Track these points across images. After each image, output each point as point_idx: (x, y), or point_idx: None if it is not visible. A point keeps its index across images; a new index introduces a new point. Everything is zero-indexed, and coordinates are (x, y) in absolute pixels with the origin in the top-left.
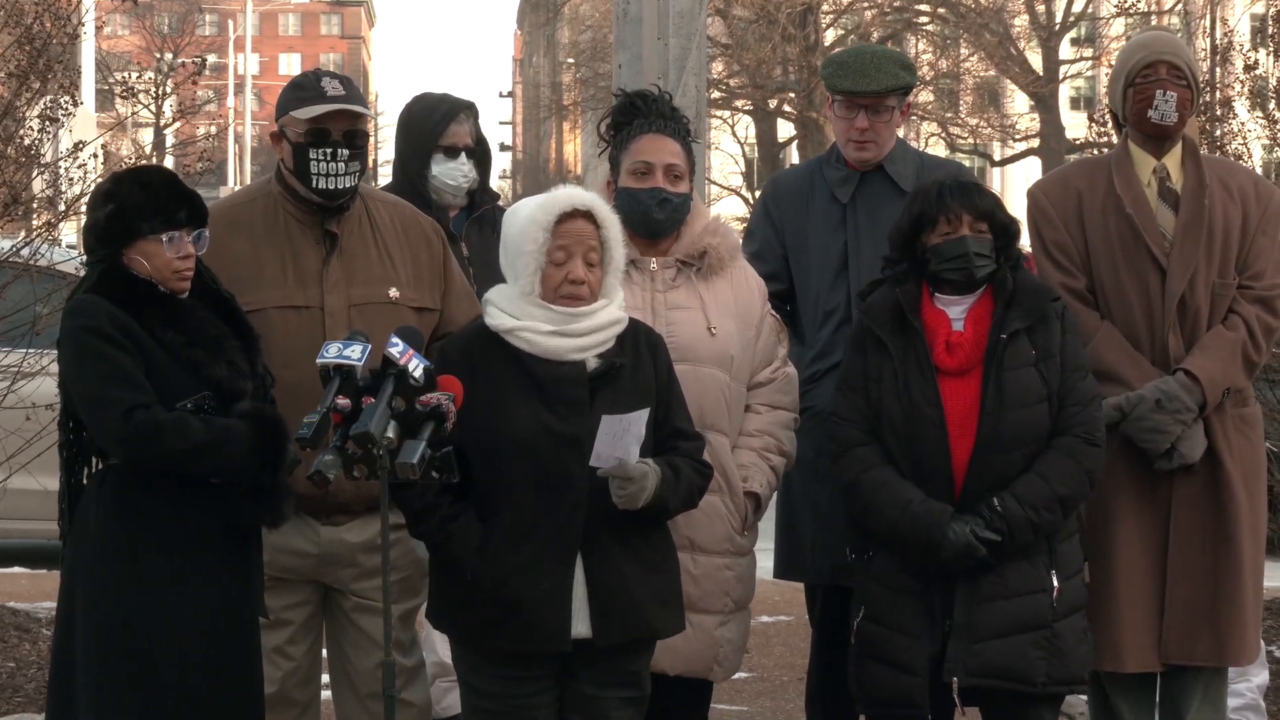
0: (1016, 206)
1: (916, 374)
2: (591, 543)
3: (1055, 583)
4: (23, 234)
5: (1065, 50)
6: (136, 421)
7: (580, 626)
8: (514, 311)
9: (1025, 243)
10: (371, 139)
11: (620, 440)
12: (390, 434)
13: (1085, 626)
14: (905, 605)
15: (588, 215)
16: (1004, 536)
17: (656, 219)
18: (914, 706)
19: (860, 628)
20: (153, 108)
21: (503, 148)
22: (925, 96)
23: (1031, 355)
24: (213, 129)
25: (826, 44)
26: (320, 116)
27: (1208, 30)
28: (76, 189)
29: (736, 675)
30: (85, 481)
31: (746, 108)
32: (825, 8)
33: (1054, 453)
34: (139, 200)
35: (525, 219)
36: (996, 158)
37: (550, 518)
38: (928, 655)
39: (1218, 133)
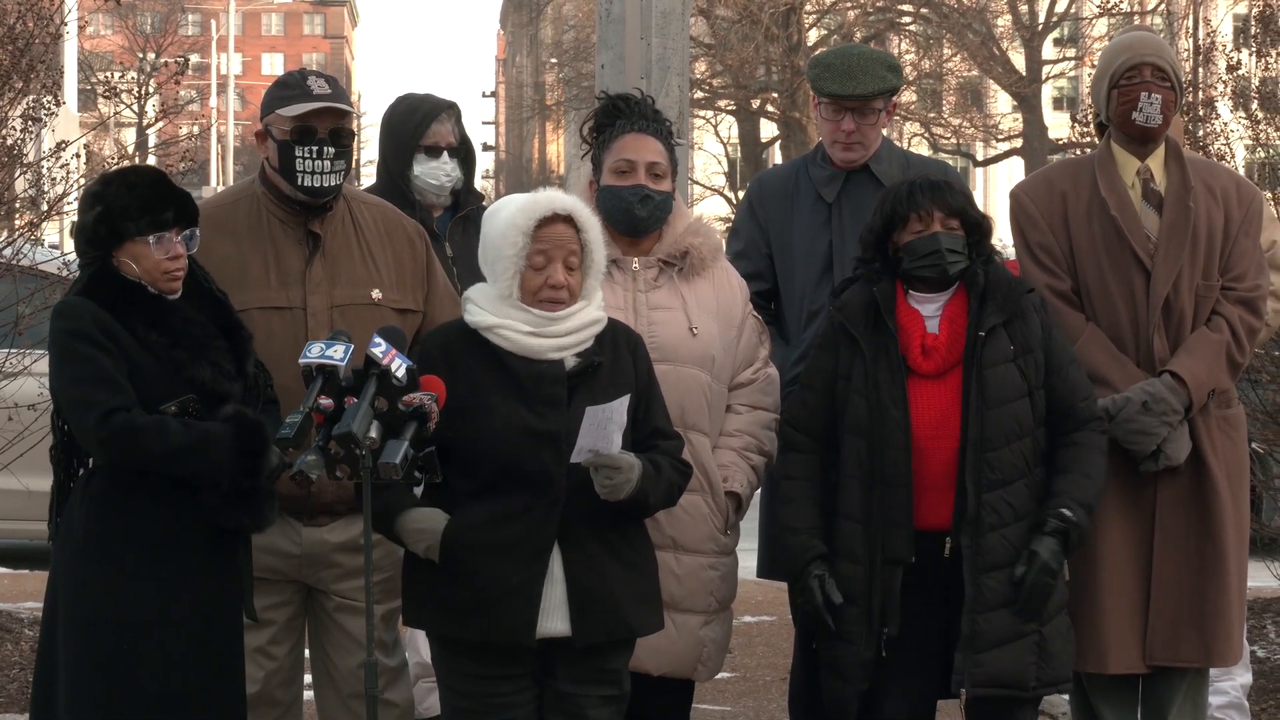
0: (999, 207)
1: (886, 374)
2: (571, 541)
3: None
4: (5, 234)
5: (1048, 50)
6: (115, 424)
7: (559, 624)
8: (493, 311)
9: (1004, 248)
10: (355, 139)
11: (603, 430)
12: (373, 434)
13: (1069, 625)
14: (846, 612)
15: (568, 219)
16: (1076, 544)
17: (639, 216)
18: (844, 714)
19: (819, 635)
20: (135, 107)
21: (486, 148)
22: (908, 96)
23: (1010, 351)
24: (195, 129)
25: (809, 44)
26: (306, 114)
27: (1190, 30)
28: (59, 189)
29: (719, 675)
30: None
31: (729, 108)
32: (808, 8)
33: (1084, 449)
34: (125, 202)
35: (505, 222)
36: (979, 158)
37: (527, 514)
38: (860, 662)
39: (1200, 133)
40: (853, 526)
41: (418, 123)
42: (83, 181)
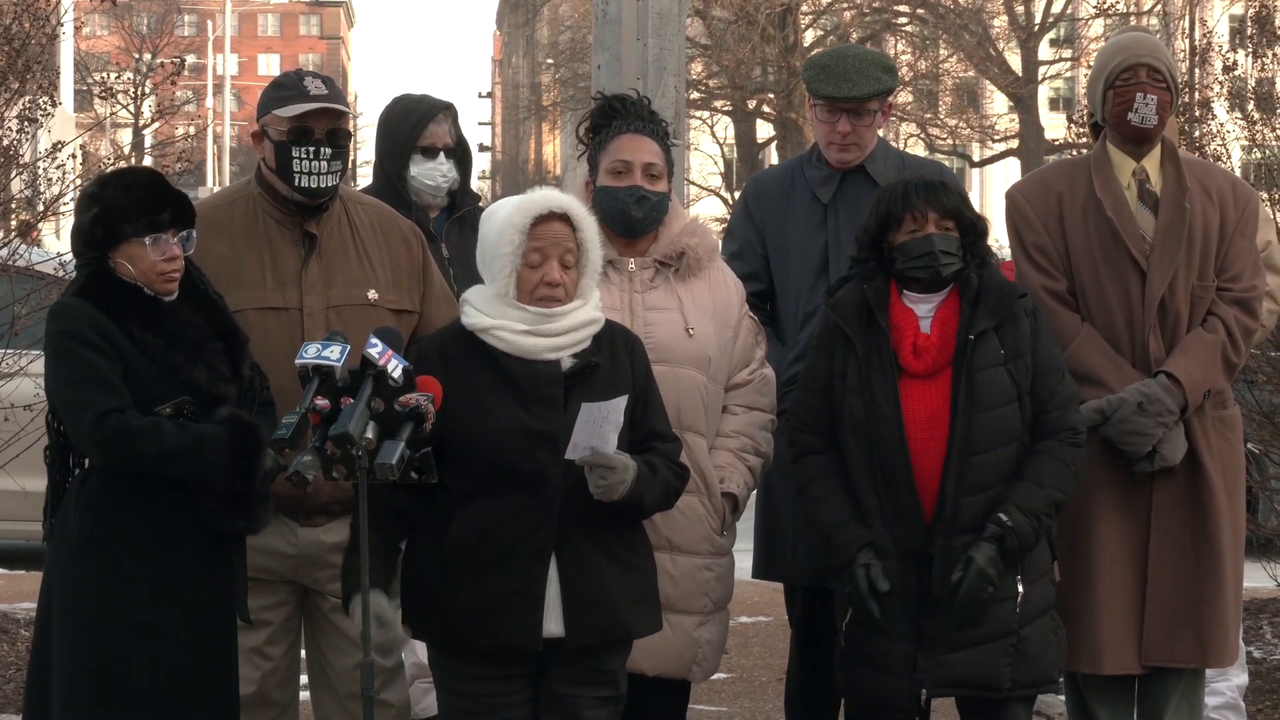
0: (995, 207)
1: (879, 373)
2: (566, 542)
3: (1020, 589)
4: (0, 234)
5: (1044, 51)
6: (110, 425)
7: (553, 625)
8: (490, 311)
9: (1000, 249)
10: (352, 140)
11: (599, 429)
12: (369, 435)
13: (1055, 626)
14: (885, 608)
15: (564, 217)
16: (1013, 551)
17: (635, 217)
18: (900, 710)
19: (848, 630)
20: (131, 108)
21: (482, 148)
22: (904, 97)
23: (1001, 355)
24: (191, 129)
25: (805, 45)
26: (303, 115)
27: (1186, 31)
28: (55, 189)
29: (715, 676)
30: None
31: (725, 108)
32: (804, 8)
33: (1042, 457)
34: (122, 203)
35: (501, 221)
36: (975, 158)
37: (524, 516)
38: (909, 657)
39: (1196, 134)
40: (876, 522)
41: (414, 124)
42: (79, 182)
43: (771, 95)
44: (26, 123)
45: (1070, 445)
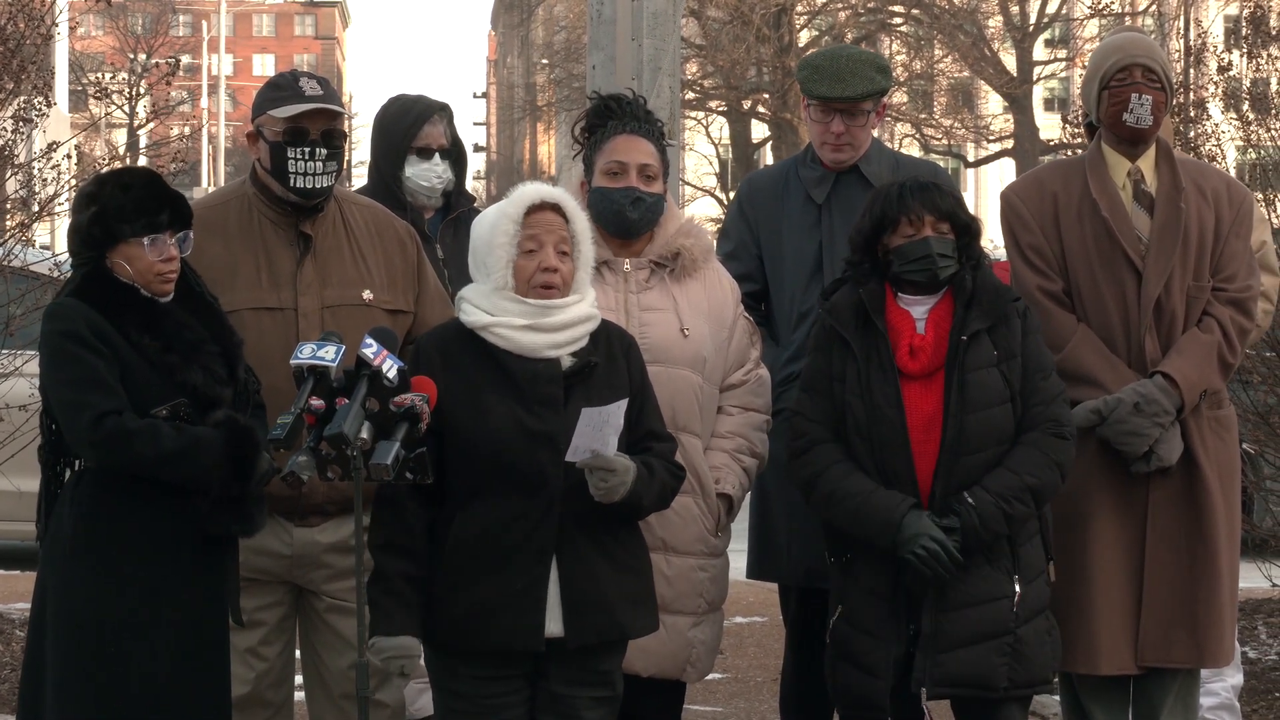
0: (990, 208)
1: (879, 375)
2: (564, 542)
3: (1016, 588)
4: None
5: (1039, 51)
6: (107, 427)
7: (552, 626)
8: (488, 307)
9: (995, 249)
10: (347, 140)
11: (599, 432)
12: (364, 435)
13: (1050, 627)
14: (874, 607)
15: (555, 208)
16: (974, 530)
17: (630, 218)
18: (877, 709)
19: (835, 628)
20: (126, 108)
21: (477, 149)
22: (899, 97)
23: (993, 356)
24: (186, 130)
25: (800, 45)
26: (298, 115)
27: (1181, 31)
28: (50, 190)
29: (710, 676)
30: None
31: (721, 109)
32: (799, 9)
33: (1020, 447)
34: (120, 203)
35: (494, 215)
36: (970, 159)
37: (524, 517)
38: (891, 658)
39: (1191, 134)
40: None
41: (410, 124)
42: (74, 183)
43: (766, 95)
44: (21, 123)
45: (1052, 436)
